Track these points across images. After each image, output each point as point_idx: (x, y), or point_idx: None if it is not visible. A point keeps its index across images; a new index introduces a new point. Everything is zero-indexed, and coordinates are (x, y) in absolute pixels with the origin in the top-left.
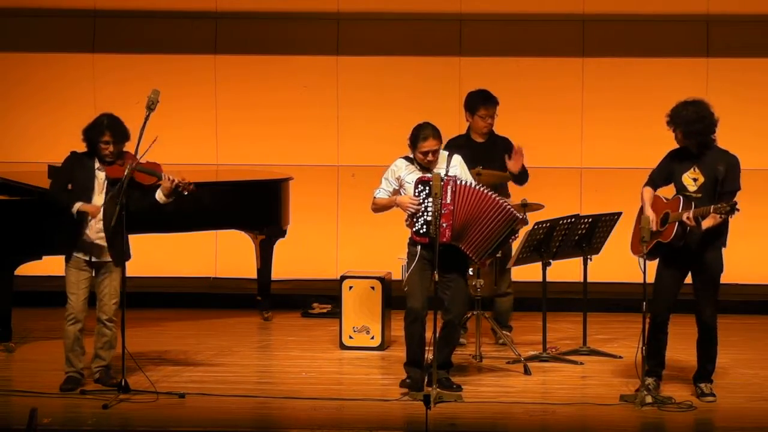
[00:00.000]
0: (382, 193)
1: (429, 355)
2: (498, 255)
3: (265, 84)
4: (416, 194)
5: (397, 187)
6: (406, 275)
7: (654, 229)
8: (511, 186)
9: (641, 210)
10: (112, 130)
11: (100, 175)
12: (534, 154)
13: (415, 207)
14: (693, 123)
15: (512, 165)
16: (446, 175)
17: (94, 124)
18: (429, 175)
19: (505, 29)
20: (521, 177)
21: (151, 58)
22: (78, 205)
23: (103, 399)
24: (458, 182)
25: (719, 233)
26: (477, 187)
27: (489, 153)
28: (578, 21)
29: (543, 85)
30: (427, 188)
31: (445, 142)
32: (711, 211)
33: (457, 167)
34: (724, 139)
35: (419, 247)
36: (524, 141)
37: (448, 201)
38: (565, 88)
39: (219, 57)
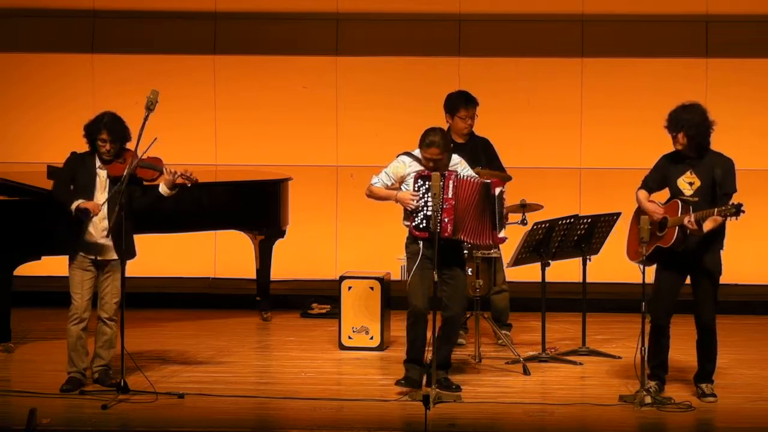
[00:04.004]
0: (380, 184)
1: (428, 355)
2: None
3: (264, 84)
4: (416, 189)
5: (395, 184)
6: (408, 275)
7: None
8: (511, 186)
9: (636, 214)
10: (109, 129)
11: (102, 174)
12: (533, 154)
13: (416, 203)
14: (698, 126)
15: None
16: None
17: (94, 120)
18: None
19: (505, 29)
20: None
21: (150, 58)
22: (77, 203)
23: (103, 399)
24: (459, 177)
25: (717, 235)
26: (475, 180)
27: (470, 154)
28: (577, 21)
29: (542, 85)
30: (427, 183)
31: None
32: (714, 213)
33: (458, 166)
34: (723, 139)
35: (420, 244)
36: (523, 141)
37: (450, 195)
38: (564, 89)
39: (218, 57)
